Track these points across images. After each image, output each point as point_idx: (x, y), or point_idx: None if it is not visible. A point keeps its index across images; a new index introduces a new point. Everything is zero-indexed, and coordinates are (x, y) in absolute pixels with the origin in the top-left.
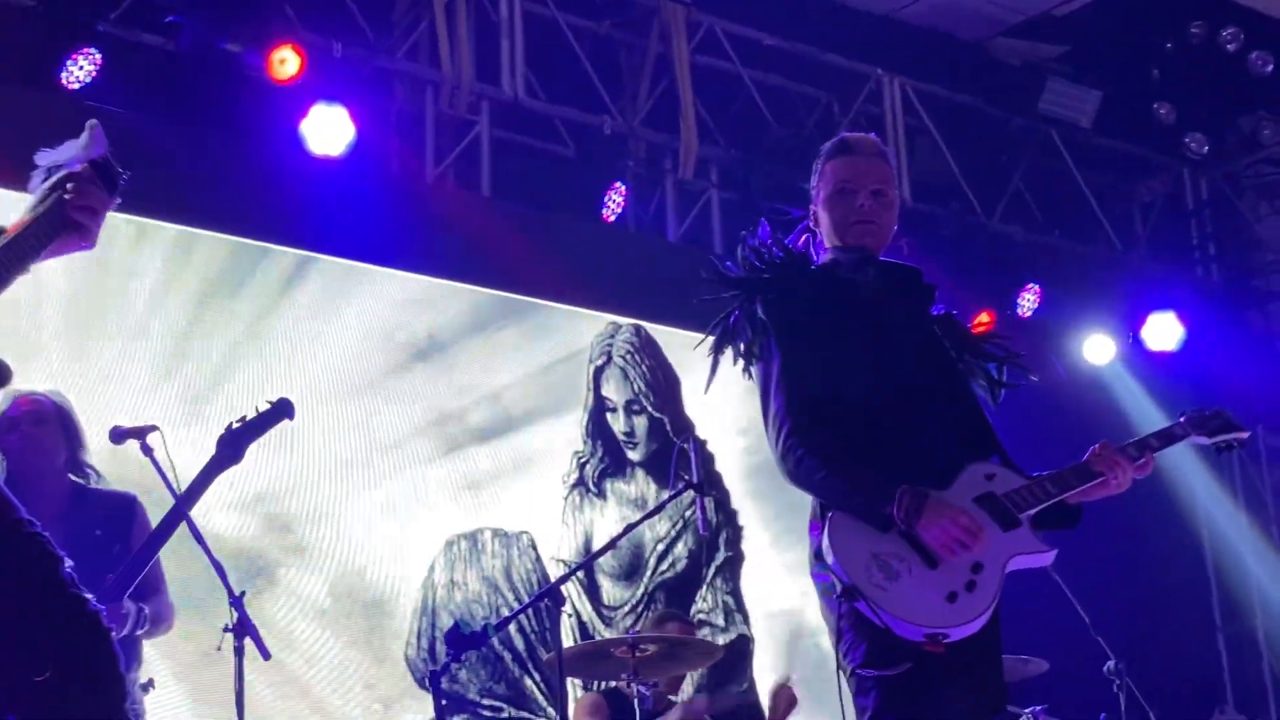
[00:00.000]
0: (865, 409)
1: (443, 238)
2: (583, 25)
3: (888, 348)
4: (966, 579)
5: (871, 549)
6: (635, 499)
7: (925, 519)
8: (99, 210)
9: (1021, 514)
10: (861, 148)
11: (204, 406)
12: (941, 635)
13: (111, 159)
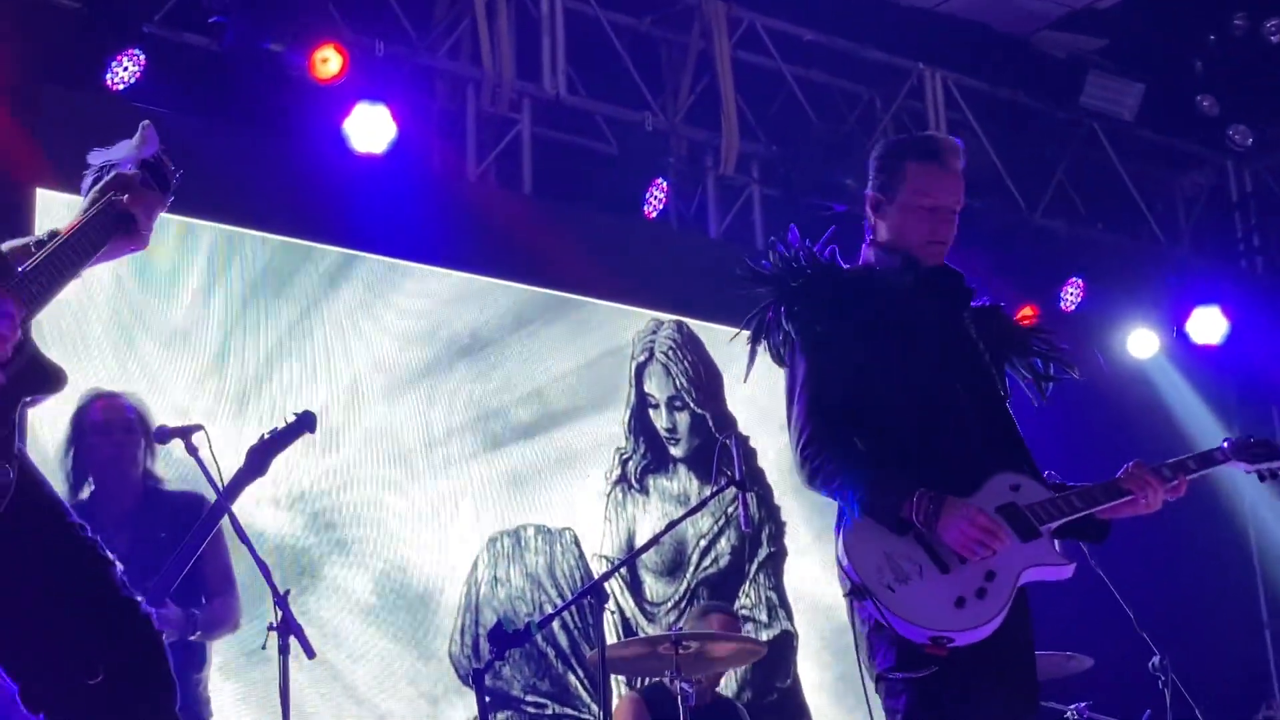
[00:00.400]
0: (890, 415)
1: (484, 235)
2: (624, 22)
3: (917, 354)
4: (978, 586)
5: (885, 550)
6: (678, 495)
7: (944, 520)
8: (150, 211)
9: (1043, 526)
10: (953, 158)
11: (248, 405)
12: (946, 639)
13: (164, 158)
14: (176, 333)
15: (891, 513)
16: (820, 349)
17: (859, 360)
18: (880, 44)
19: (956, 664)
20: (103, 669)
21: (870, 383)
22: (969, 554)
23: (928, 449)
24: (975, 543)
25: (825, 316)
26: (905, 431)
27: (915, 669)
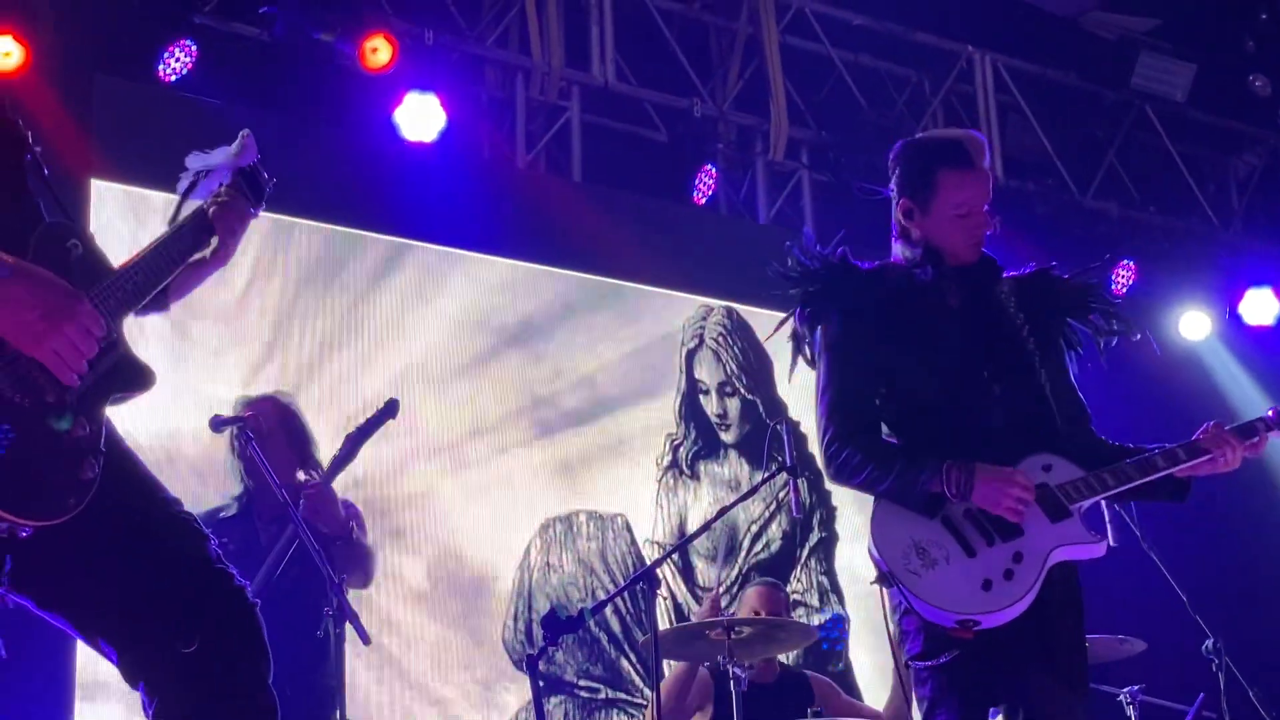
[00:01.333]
0: (914, 409)
1: (534, 223)
2: (672, 8)
3: (940, 347)
4: (1005, 568)
5: (912, 536)
6: (729, 481)
7: (980, 486)
8: (238, 224)
9: (1073, 505)
10: (979, 157)
11: (301, 394)
12: (972, 622)
13: (260, 168)
14: (230, 322)
15: (921, 491)
16: (839, 349)
17: (880, 359)
18: (929, 27)
19: (988, 648)
20: (197, 638)
21: (893, 379)
22: (1011, 516)
23: (954, 437)
24: (1016, 501)
25: (843, 318)
26: (931, 422)
27: (936, 656)
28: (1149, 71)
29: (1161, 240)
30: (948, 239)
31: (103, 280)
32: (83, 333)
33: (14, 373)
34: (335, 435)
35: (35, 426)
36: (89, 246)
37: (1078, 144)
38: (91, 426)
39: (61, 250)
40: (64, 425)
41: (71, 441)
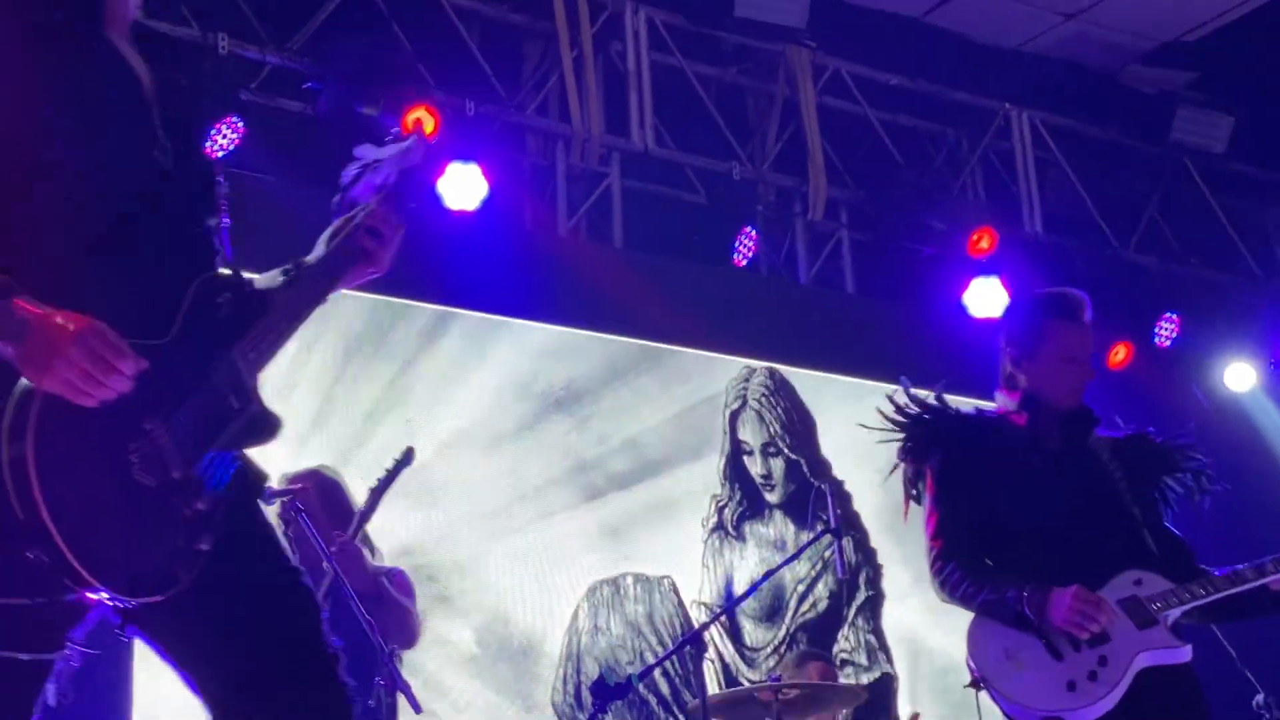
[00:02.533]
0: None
1: (577, 288)
2: (709, 73)
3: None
4: (1089, 670)
5: (1004, 644)
6: (774, 541)
7: (1051, 606)
8: (391, 236)
9: (1160, 614)
10: (1084, 313)
11: (349, 463)
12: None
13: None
14: (278, 392)
15: (1011, 609)
16: (943, 486)
17: (980, 494)
18: (965, 85)
19: None
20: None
21: (994, 514)
22: (1076, 631)
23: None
24: (1078, 614)
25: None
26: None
27: None
28: (1188, 125)
29: (1204, 293)
30: (1051, 385)
31: (249, 332)
32: (89, 351)
33: (146, 450)
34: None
35: (157, 505)
36: (241, 295)
37: (1118, 198)
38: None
39: (212, 307)
40: (186, 502)
41: (192, 515)
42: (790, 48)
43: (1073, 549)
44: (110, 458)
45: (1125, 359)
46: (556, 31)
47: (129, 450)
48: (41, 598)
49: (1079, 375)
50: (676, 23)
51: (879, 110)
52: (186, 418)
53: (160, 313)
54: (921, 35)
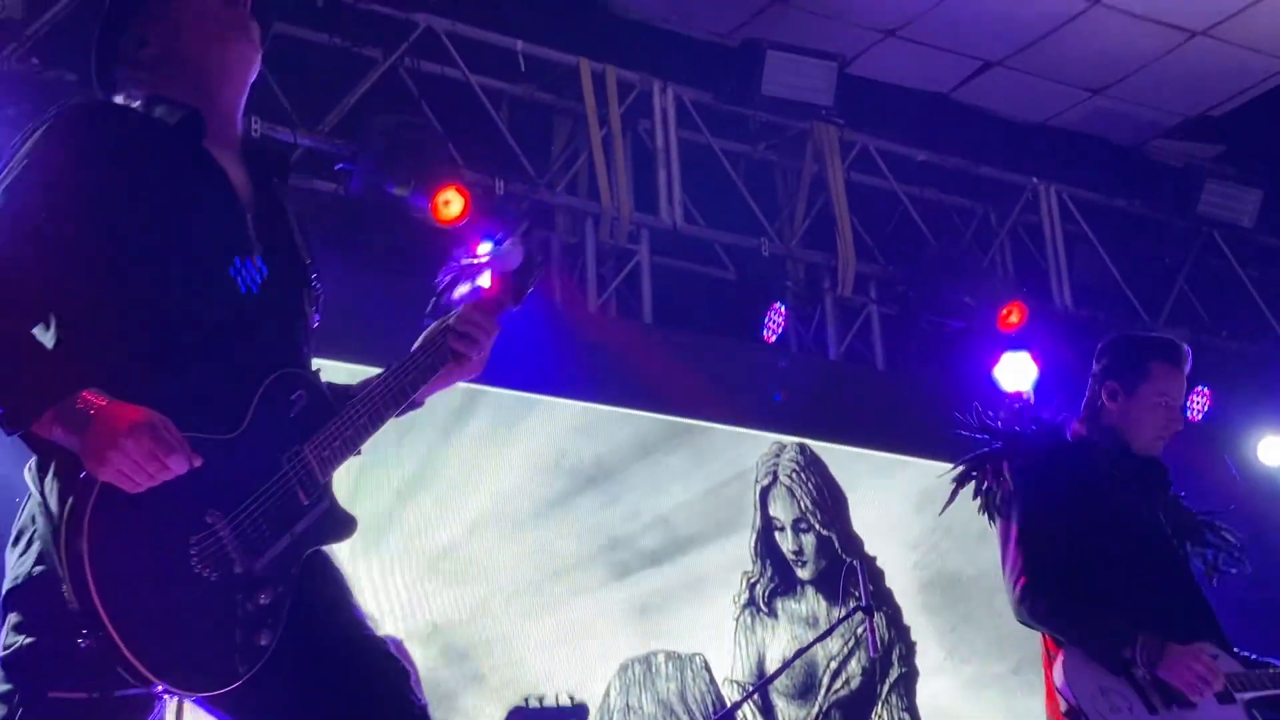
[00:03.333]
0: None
1: (607, 365)
2: (737, 150)
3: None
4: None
5: (1099, 683)
6: (806, 617)
7: (1167, 662)
8: (484, 339)
9: (1238, 694)
10: (1187, 364)
11: (380, 545)
12: None
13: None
14: None
15: (1112, 653)
16: (1039, 506)
17: (1075, 523)
18: (993, 160)
19: None
20: None
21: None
22: (1193, 692)
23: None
24: (1199, 679)
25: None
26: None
27: None
28: (1215, 198)
29: (1236, 365)
30: (1140, 424)
31: (324, 428)
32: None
33: (206, 545)
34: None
35: (218, 599)
36: (316, 393)
37: (1147, 271)
38: (279, 590)
39: (284, 404)
40: (248, 596)
41: (254, 609)
42: (818, 124)
43: (1157, 596)
44: (170, 550)
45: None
46: (585, 110)
47: (190, 543)
48: (97, 691)
49: (1169, 421)
50: (704, 101)
51: (907, 185)
52: (252, 512)
53: (233, 407)
54: (949, 111)
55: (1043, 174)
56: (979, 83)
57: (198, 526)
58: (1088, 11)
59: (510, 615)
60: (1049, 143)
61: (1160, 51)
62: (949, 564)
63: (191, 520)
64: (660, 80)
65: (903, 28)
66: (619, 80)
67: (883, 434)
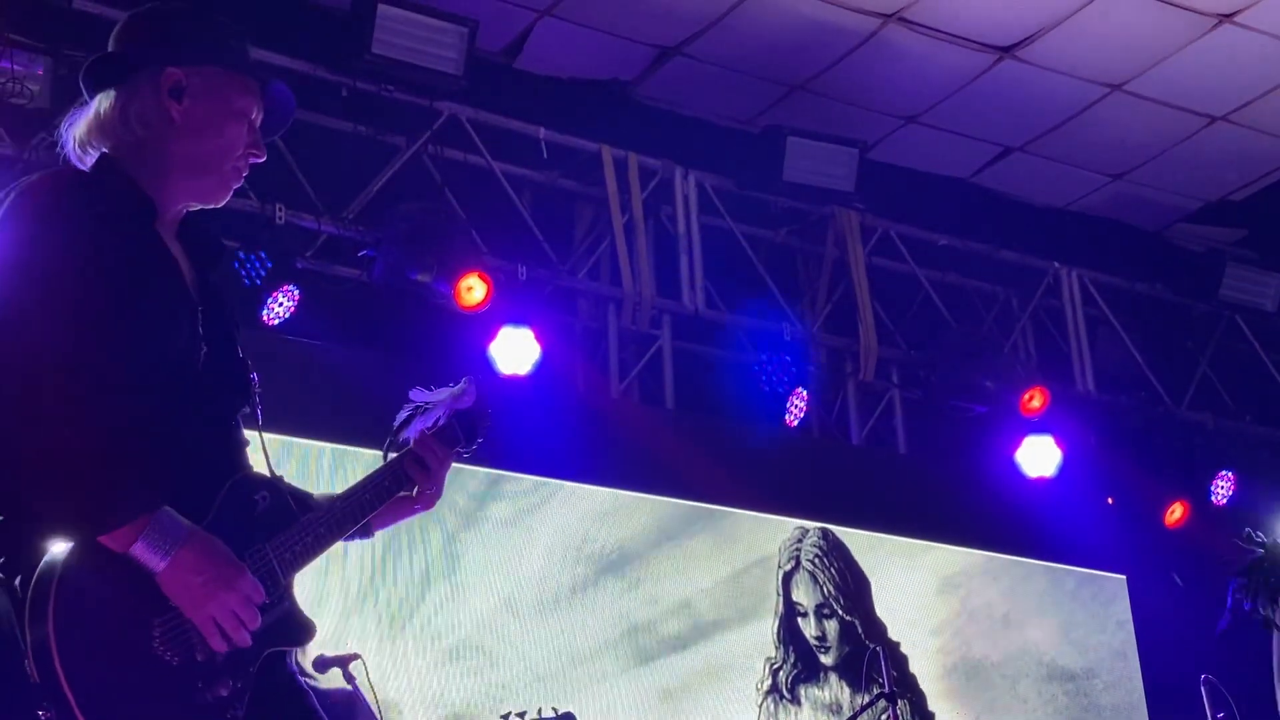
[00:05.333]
0: None
1: (629, 450)
2: (759, 235)
3: None
4: None
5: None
6: (830, 704)
7: None
8: (438, 470)
9: None
10: None
11: (399, 630)
12: None
13: (480, 412)
14: (331, 558)
15: None
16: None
17: None
18: (1014, 244)
19: None
20: None
21: None
22: None
23: None
24: None
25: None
26: None
27: None
28: (1237, 282)
29: (1260, 449)
30: None
31: (286, 531)
32: (242, 601)
33: (169, 629)
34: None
35: (178, 684)
36: (279, 496)
37: (1169, 356)
38: (238, 685)
39: (248, 504)
40: (209, 685)
41: (214, 699)
42: (839, 210)
43: None
44: (134, 630)
45: (1182, 518)
46: (607, 196)
47: (153, 625)
48: None
49: None
50: (725, 187)
51: (928, 270)
52: None
53: (198, 502)
54: (970, 196)
55: (1064, 258)
56: (1000, 168)
57: (162, 608)
58: (1108, 97)
59: (533, 701)
60: (1070, 227)
61: (1180, 136)
62: (973, 650)
63: (156, 602)
64: (682, 166)
65: (923, 114)
66: (641, 166)
67: (905, 519)
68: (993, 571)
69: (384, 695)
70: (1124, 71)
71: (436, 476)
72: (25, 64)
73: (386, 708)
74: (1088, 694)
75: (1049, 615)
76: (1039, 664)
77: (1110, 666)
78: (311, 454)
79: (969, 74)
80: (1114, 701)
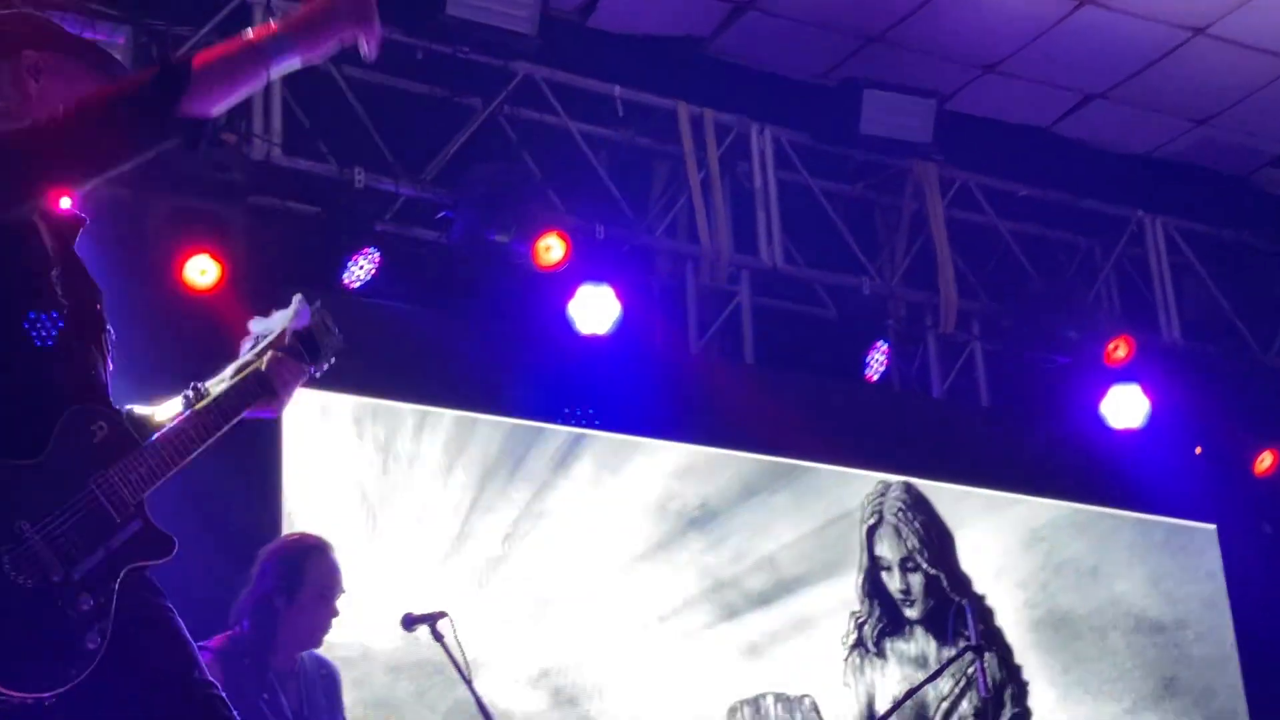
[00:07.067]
0: None
1: (710, 407)
2: (836, 189)
3: None
4: None
5: None
6: (915, 657)
7: None
8: (290, 380)
9: None
10: None
11: (486, 587)
12: None
13: (316, 330)
14: (417, 516)
15: None
16: None
17: None
18: (1096, 194)
19: None
20: None
21: None
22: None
23: None
24: None
25: None
26: None
27: None
28: None
29: None
30: None
31: (126, 457)
32: None
33: (17, 555)
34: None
35: (38, 606)
36: (116, 425)
37: (1256, 302)
38: (98, 599)
39: (86, 433)
40: (69, 603)
41: (77, 615)
42: (917, 162)
43: None
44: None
45: (1272, 466)
46: (683, 154)
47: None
48: None
49: None
50: (802, 141)
51: (1009, 221)
52: (63, 523)
53: (34, 435)
54: (1050, 145)
55: (1148, 206)
56: (1081, 115)
57: (7, 536)
58: (1191, 41)
59: (618, 658)
60: (1154, 174)
61: (1265, 80)
62: (1060, 603)
63: (2, 530)
64: (758, 122)
65: (1002, 63)
66: (716, 123)
67: (989, 472)
68: (1079, 524)
69: (471, 652)
70: (1206, 14)
71: (282, 399)
72: (107, 34)
73: (474, 665)
74: (1178, 645)
75: (1138, 567)
76: (1128, 616)
77: (1201, 617)
78: (396, 416)
79: (1048, 20)
80: (1205, 653)
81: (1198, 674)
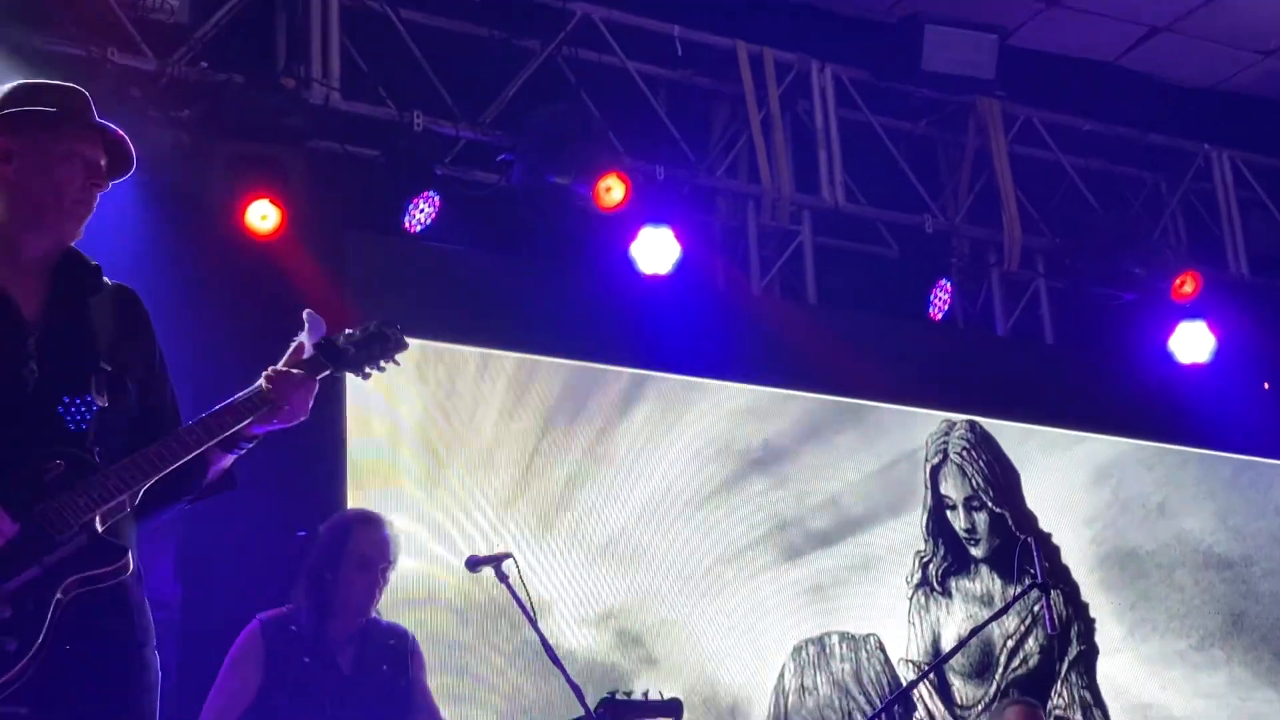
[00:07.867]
0: None
1: (772, 347)
2: (898, 127)
3: None
4: None
5: None
6: (981, 596)
7: None
8: (293, 393)
9: None
10: None
11: (550, 529)
12: None
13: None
14: (481, 459)
15: None
16: None
17: None
18: (1161, 128)
19: None
20: None
21: None
22: None
23: None
24: None
25: None
26: None
27: None
28: None
29: None
30: None
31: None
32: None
33: None
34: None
35: None
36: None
37: None
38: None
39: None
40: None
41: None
42: (980, 98)
43: None
44: None
45: None
46: (743, 93)
47: None
48: None
49: None
50: (863, 79)
51: (1073, 156)
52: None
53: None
54: (1115, 79)
55: (1214, 140)
56: (1146, 49)
57: None
58: None
59: (682, 599)
60: (1220, 108)
61: None
62: (1126, 540)
63: None
64: (818, 60)
65: None
66: (776, 61)
67: (1054, 409)
68: (1146, 460)
69: (536, 594)
70: None
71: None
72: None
73: (538, 606)
74: (1246, 581)
75: (1205, 503)
76: (1195, 552)
77: (1269, 553)
78: (458, 359)
79: None
80: (1273, 588)
81: (1265, 609)
